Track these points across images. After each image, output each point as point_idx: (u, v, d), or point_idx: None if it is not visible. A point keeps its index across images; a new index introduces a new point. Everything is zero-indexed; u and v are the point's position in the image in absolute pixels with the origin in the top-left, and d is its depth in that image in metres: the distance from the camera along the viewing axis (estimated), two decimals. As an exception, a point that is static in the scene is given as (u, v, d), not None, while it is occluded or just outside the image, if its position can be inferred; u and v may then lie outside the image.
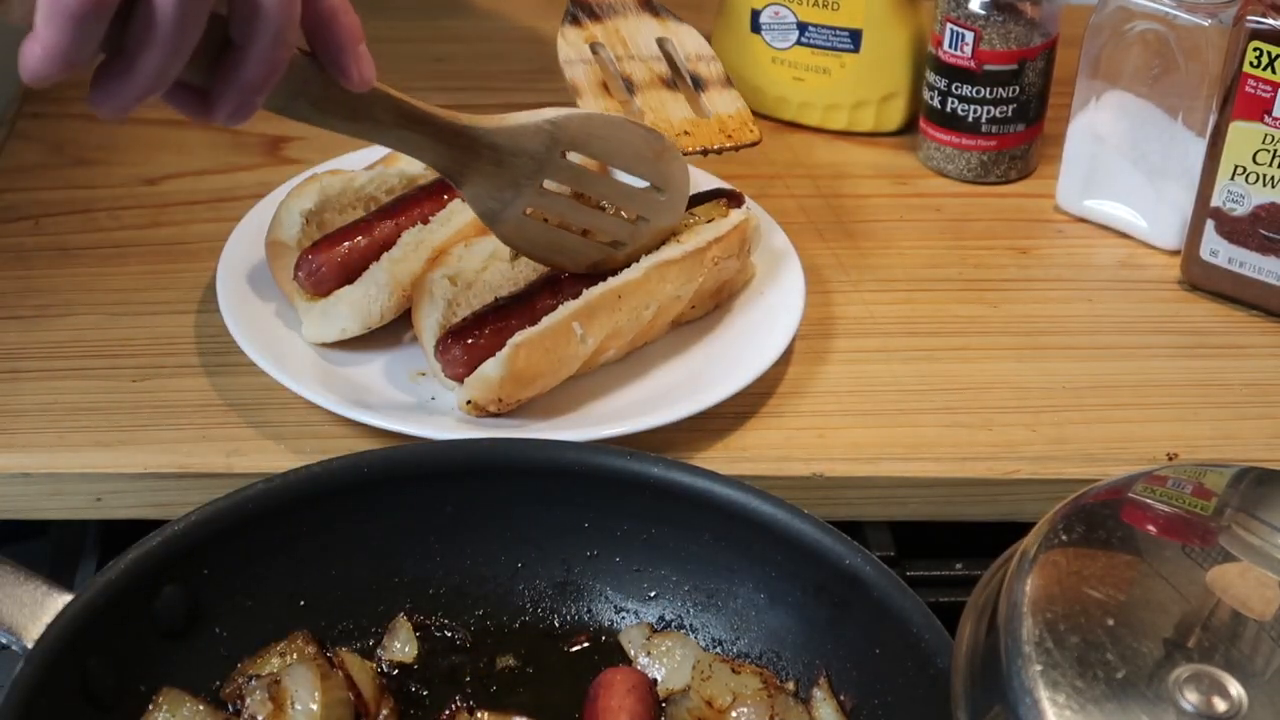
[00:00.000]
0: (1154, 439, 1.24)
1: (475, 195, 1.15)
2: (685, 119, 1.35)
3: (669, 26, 1.44)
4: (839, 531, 1.02)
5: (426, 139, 1.10)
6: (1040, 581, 0.85)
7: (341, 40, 0.99)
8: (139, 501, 1.16)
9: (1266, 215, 1.32)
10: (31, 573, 0.96)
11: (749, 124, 1.37)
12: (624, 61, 1.38)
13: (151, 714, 0.96)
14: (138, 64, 0.91)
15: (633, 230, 1.23)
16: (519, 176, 1.15)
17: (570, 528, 1.07)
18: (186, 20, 0.90)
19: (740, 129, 1.36)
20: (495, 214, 1.16)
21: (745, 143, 1.35)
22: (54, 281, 1.33)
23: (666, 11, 1.45)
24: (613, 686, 1.00)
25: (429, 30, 1.72)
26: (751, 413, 1.23)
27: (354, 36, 1.00)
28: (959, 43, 1.46)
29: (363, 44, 1.00)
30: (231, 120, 0.98)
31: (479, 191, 1.14)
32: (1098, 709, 0.79)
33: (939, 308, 1.37)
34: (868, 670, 1.00)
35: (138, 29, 0.90)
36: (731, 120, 1.36)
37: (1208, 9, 1.34)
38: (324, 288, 1.24)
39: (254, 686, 0.98)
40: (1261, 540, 0.89)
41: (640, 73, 1.37)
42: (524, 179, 1.15)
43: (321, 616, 1.04)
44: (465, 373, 1.17)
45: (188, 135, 1.51)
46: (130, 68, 0.91)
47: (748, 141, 1.36)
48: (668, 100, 1.37)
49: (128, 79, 0.92)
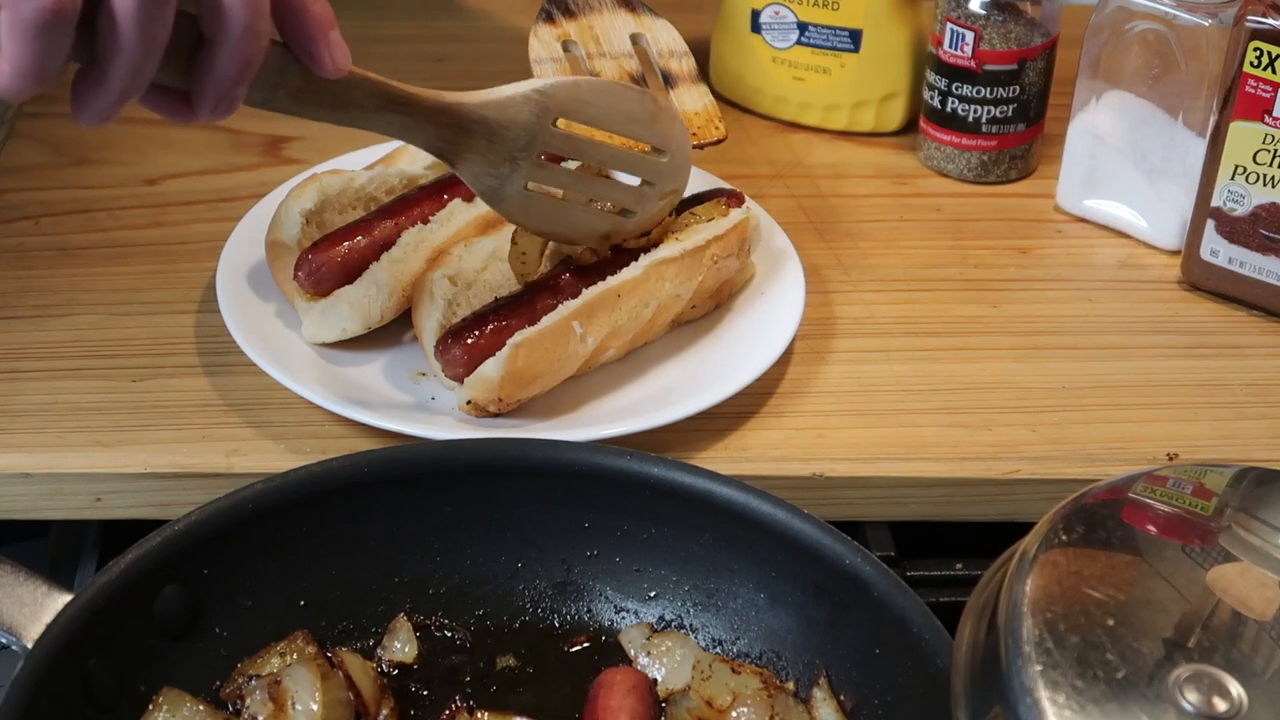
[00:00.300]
0: (1154, 439, 1.24)
1: (473, 174, 1.14)
2: None
3: (644, 21, 1.43)
4: (839, 531, 1.02)
5: (414, 120, 1.09)
6: (1040, 581, 0.85)
7: (312, 28, 0.99)
8: (139, 501, 1.16)
9: (1267, 215, 1.32)
10: (31, 573, 0.96)
11: (714, 121, 1.36)
12: (595, 59, 1.38)
13: (151, 714, 0.96)
14: (109, 71, 0.91)
15: (639, 195, 1.22)
16: (513, 150, 1.14)
17: (570, 528, 1.07)
18: (150, 23, 0.90)
19: (705, 126, 1.36)
20: (496, 191, 1.15)
21: (709, 140, 1.35)
22: (54, 281, 1.33)
23: (642, 6, 1.44)
24: (613, 686, 1.00)
25: (429, 30, 1.73)
26: (751, 413, 1.23)
27: (324, 24, 1.00)
28: (959, 42, 1.46)
29: (335, 30, 1.00)
30: (214, 116, 0.98)
31: (475, 170, 1.13)
32: (1098, 709, 0.79)
33: (939, 308, 1.37)
34: (868, 670, 1.00)
35: (104, 36, 0.90)
36: (697, 118, 1.36)
37: (1208, 9, 1.34)
38: (324, 288, 1.24)
39: (254, 687, 0.98)
40: (1261, 540, 0.89)
41: (610, 69, 1.37)
42: (518, 152, 1.14)
43: (321, 616, 1.04)
44: (465, 373, 1.17)
45: (188, 135, 1.51)
46: (103, 75, 0.92)
47: (711, 139, 1.35)
48: None
49: (102, 86, 0.92)
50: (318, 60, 1.00)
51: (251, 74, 0.97)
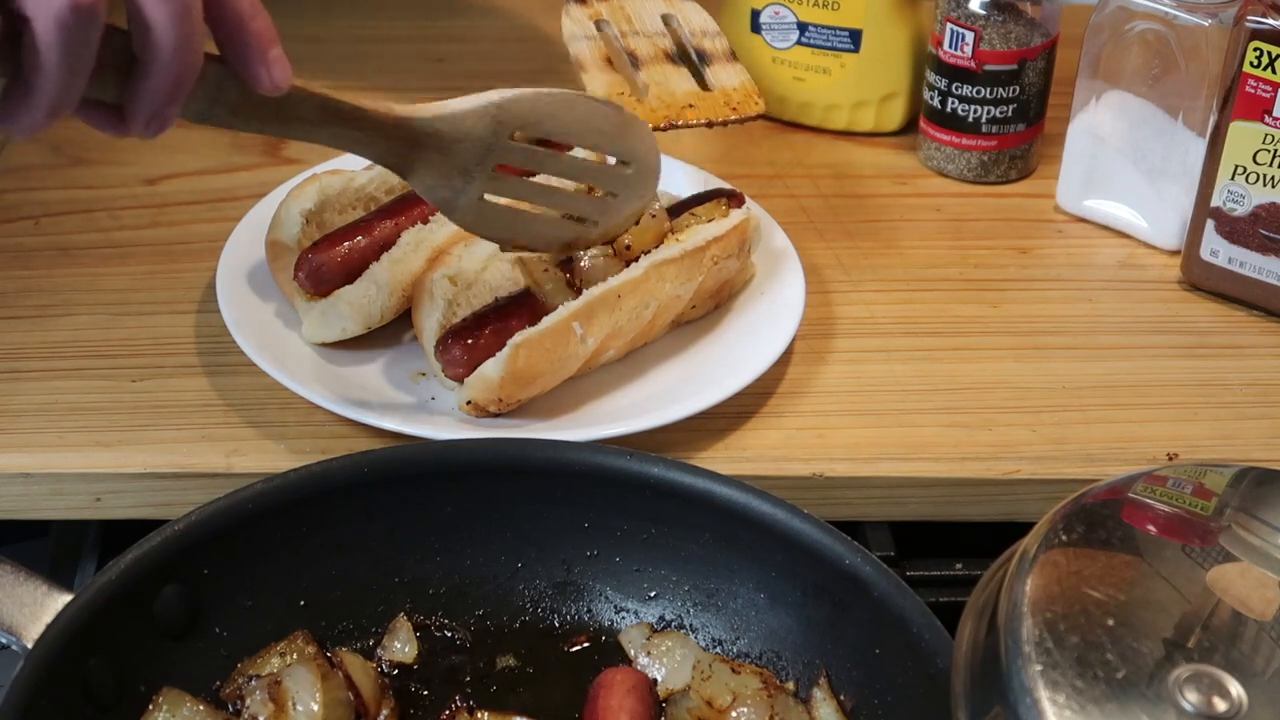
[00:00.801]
0: (1154, 439, 1.24)
1: (425, 186, 1.12)
2: (689, 92, 1.36)
3: (674, 3, 1.44)
4: (839, 531, 1.02)
5: (363, 134, 1.08)
6: (1040, 581, 0.85)
7: (249, 46, 0.97)
8: (139, 501, 1.16)
9: (1266, 215, 1.32)
10: (31, 573, 0.96)
11: (753, 96, 1.37)
12: (628, 37, 1.38)
13: (151, 714, 0.96)
14: (34, 86, 0.90)
15: (601, 205, 1.20)
16: (467, 163, 1.12)
17: (570, 528, 1.07)
18: (72, 44, 0.89)
19: (745, 101, 1.36)
20: (449, 202, 1.13)
21: (750, 115, 1.36)
22: (54, 281, 1.33)
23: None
24: (613, 686, 1.00)
25: (429, 30, 1.72)
26: (751, 413, 1.23)
27: (264, 41, 0.97)
28: (959, 43, 1.46)
29: (276, 48, 0.98)
30: (148, 133, 0.97)
31: (428, 181, 1.12)
32: (1098, 709, 0.79)
33: (939, 308, 1.37)
34: (868, 670, 1.00)
35: (28, 56, 0.89)
36: (735, 93, 1.36)
37: (1208, 9, 1.34)
38: (324, 288, 1.24)
39: (254, 687, 0.98)
40: (1261, 540, 0.89)
41: (645, 48, 1.37)
42: (472, 165, 1.12)
43: (321, 616, 1.04)
44: (465, 373, 1.17)
45: (188, 135, 1.50)
46: (29, 91, 0.91)
47: (752, 114, 1.36)
48: (672, 75, 1.37)
49: (29, 101, 0.91)
50: (254, 78, 0.98)
51: (184, 93, 0.95)
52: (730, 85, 1.37)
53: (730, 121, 1.34)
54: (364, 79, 1.63)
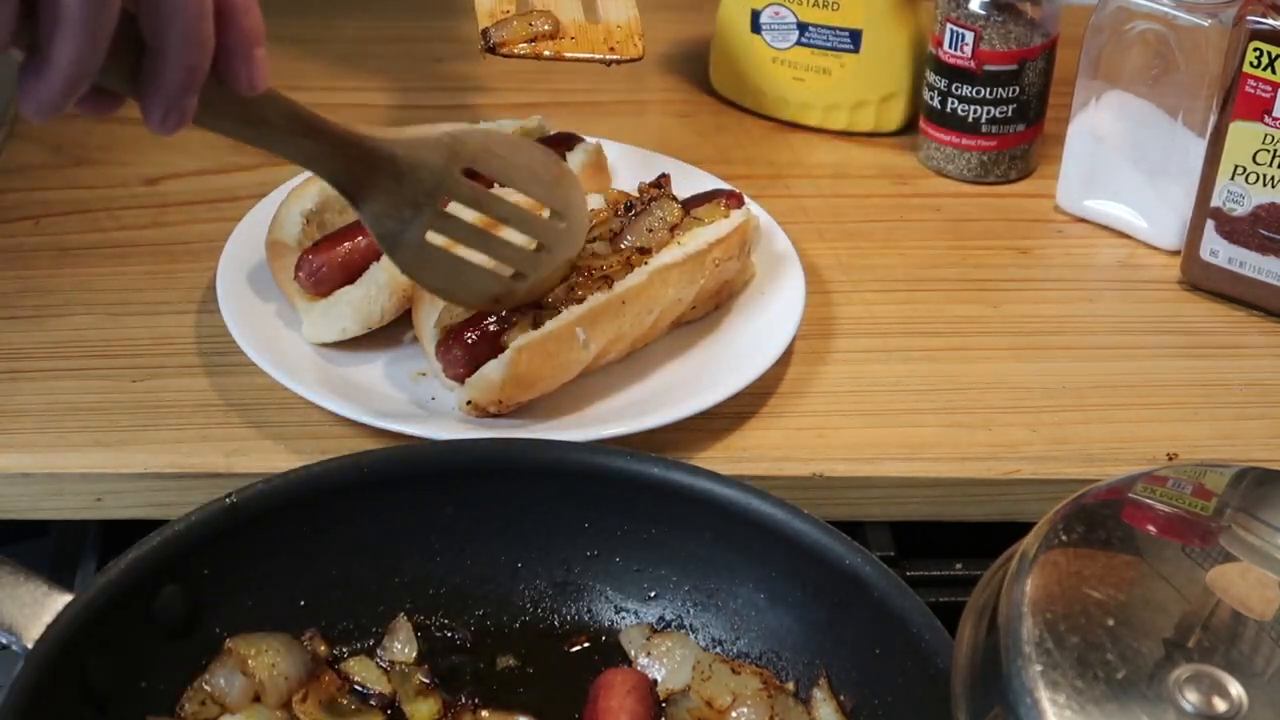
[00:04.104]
0: (1154, 439, 1.24)
1: (373, 215, 1.10)
2: (574, 21, 1.33)
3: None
4: (839, 531, 1.02)
5: (323, 149, 1.06)
6: (1040, 582, 0.85)
7: (234, 42, 0.95)
8: (139, 501, 1.16)
9: (1266, 215, 1.32)
10: (31, 573, 0.96)
11: (634, 37, 1.33)
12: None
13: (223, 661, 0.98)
14: (52, 56, 0.89)
15: (534, 260, 1.19)
16: (418, 193, 1.10)
17: (570, 528, 1.07)
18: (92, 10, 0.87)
19: (624, 42, 1.32)
20: (395, 236, 1.11)
21: (627, 57, 1.32)
22: (54, 281, 1.33)
23: None
24: (613, 687, 1.00)
25: (429, 30, 1.72)
26: (751, 413, 1.23)
27: (250, 39, 0.96)
28: (959, 43, 1.46)
29: (260, 48, 0.96)
30: (165, 127, 0.96)
31: (377, 210, 1.10)
32: (1098, 709, 0.79)
33: (939, 308, 1.37)
34: (868, 670, 1.00)
35: (46, 19, 0.88)
36: (619, 30, 1.32)
37: (1208, 9, 1.34)
38: (324, 288, 1.24)
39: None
40: (1261, 540, 0.89)
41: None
42: (423, 196, 1.11)
43: (321, 616, 1.04)
44: (466, 373, 1.17)
45: (188, 135, 1.48)
46: (46, 62, 0.89)
47: (629, 56, 1.32)
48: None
49: (46, 74, 0.90)
50: (233, 75, 0.97)
51: (198, 81, 0.94)
52: (616, 21, 1.32)
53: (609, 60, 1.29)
54: (364, 79, 1.63)
